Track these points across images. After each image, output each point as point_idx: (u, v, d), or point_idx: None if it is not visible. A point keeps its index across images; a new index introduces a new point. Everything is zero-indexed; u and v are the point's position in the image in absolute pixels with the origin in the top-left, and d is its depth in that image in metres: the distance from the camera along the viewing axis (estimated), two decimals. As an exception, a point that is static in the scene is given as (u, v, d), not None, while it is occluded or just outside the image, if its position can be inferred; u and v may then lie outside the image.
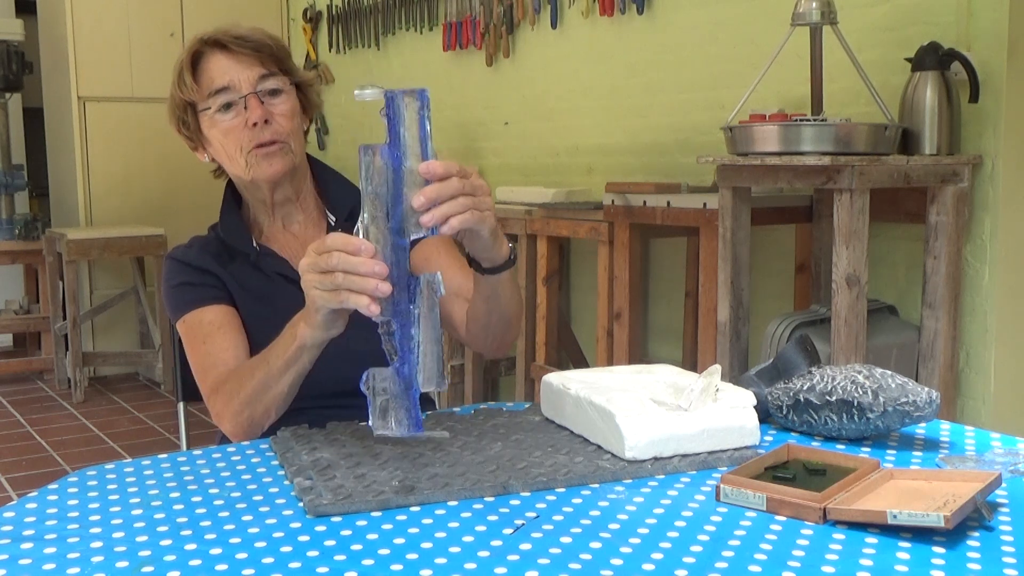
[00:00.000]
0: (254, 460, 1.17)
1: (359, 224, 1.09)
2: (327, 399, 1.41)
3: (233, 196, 1.59)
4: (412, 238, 1.09)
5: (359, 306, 1.09)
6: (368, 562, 0.86)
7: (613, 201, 3.06)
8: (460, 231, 1.14)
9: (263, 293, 1.52)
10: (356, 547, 0.89)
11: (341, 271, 1.10)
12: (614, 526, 0.93)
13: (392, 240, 1.08)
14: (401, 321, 1.09)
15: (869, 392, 1.16)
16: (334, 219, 1.57)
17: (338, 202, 1.59)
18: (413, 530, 0.93)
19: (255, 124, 1.46)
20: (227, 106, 1.47)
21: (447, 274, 1.35)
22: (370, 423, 1.13)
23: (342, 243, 1.11)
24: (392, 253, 1.09)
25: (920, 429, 1.25)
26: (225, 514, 0.98)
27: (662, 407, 1.14)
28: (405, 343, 1.09)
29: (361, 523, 0.95)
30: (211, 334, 1.47)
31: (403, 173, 1.06)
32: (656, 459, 1.10)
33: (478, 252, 1.29)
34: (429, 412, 1.21)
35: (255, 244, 1.54)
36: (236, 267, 1.54)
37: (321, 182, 1.62)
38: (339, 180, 1.63)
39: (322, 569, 0.85)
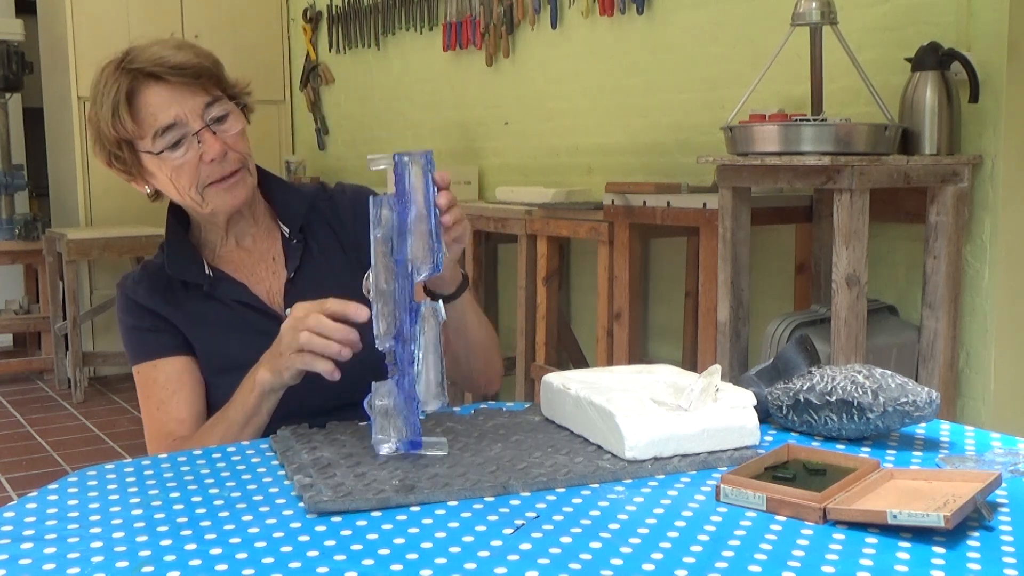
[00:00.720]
0: (254, 460, 1.17)
1: (370, 270, 1.16)
2: (328, 414, 1.36)
3: (176, 218, 1.50)
4: (417, 279, 1.16)
5: (323, 371, 1.22)
6: (368, 562, 0.86)
7: (613, 201, 3.06)
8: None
9: (221, 323, 1.45)
10: (356, 547, 0.89)
11: (308, 330, 1.21)
12: (614, 526, 0.93)
13: (397, 272, 1.15)
14: (403, 342, 1.14)
15: (869, 392, 1.15)
16: (288, 230, 1.51)
17: (289, 212, 1.52)
18: (413, 530, 0.93)
19: (212, 160, 1.38)
20: (176, 143, 1.37)
21: None
22: (371, 437, 1.14)
23: (340, 309, 1.21)
24: (397, 282, 1.16)
25: (920, 429, 1.25)
26: (225, 514, 0.98)
27: (662, 407, 1.14)
28: (405, 358, 1.14)
29: (361, 523, 0.95)
30: (164, 400, 1.42)
31: (408, 221, 1.15)
32: (656, 459, 1.10)
33: (447, 270, 1.30)
34: (428, 411, 1.21)
35: (207, 271, 1.46)
36: (189, 301, 1.45)
37: (270, 193, 1.54)
38: (288, 190, 1.56)
39: (322, 569, 0.85)
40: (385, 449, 1.13)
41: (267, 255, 1.52)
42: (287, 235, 1.51)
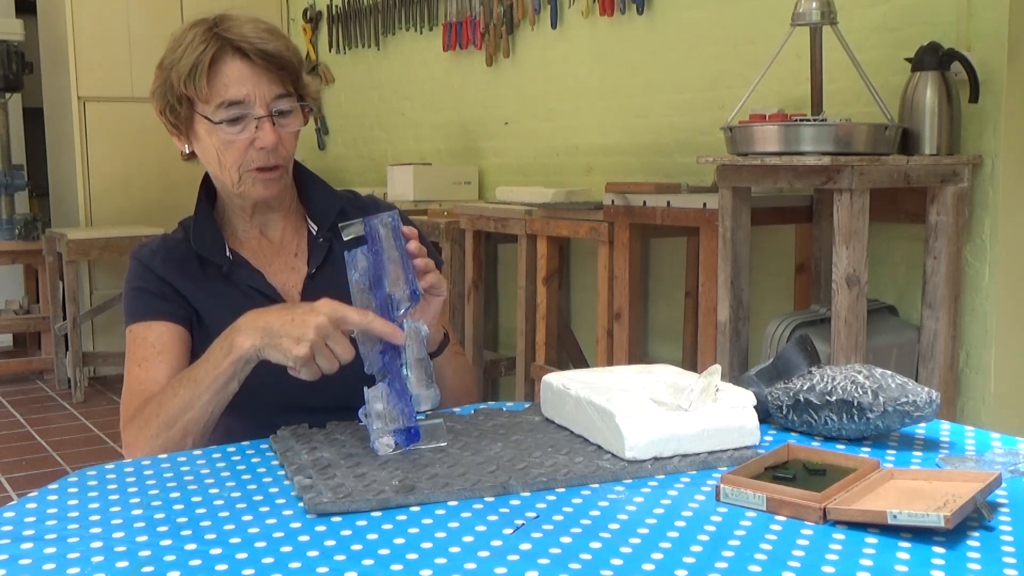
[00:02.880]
0: (254, 460, 1.17)
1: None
2: (302, 414, 1.34)
3: (206, 191, 1.52)
4: (398, 313, 1.21)
5: (308, 377, 1.21)
6: (368, 562, 0.86)
7: (613, 201, 3.06)
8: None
9: (234, 306, 1.42)
10: (356, 547, 0.89)
11: (325, 341, 1.19)
12: (614, 526, 0.93)
13: (378, 308, 1.20)
14: (390, 355, 1.19)
15: (869, 392, 1.16)
16: (316, 228, 1.52)
17: (320, 211, 1.54)
18: (413, 530, 0.93)
19: (263, 148, 1.40)
20: (235, 119, 1.40)
21: None
22: (371, 443, 1.15)
23: (388, 331, 1.18)
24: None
25: (920, 429, 1.25)
26: (225, 514, 0.98)
27: (662, 407, 1.14)
28: (393, 363, 1.18)
29: (361, 523, 0.95)
30: (148, 358, 1.41)
31: (384, 263, 1.21)
32: (656, 459, 1.10)
33: (429, 321, 1.31)
34: (428, 411, 1.21)
35: (228, 252, 1.47)
36: (205, 278, 1.47)
37: (304, 190, 1.56)
38: (322, 188, 1.57)
39: (322, 569, 0.85)
40: (384, 447, 1.14)
41: (289, 249, 1.53)
42: (315, 232, 1.52)
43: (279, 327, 1.21)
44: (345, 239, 1.23)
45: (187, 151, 1.48)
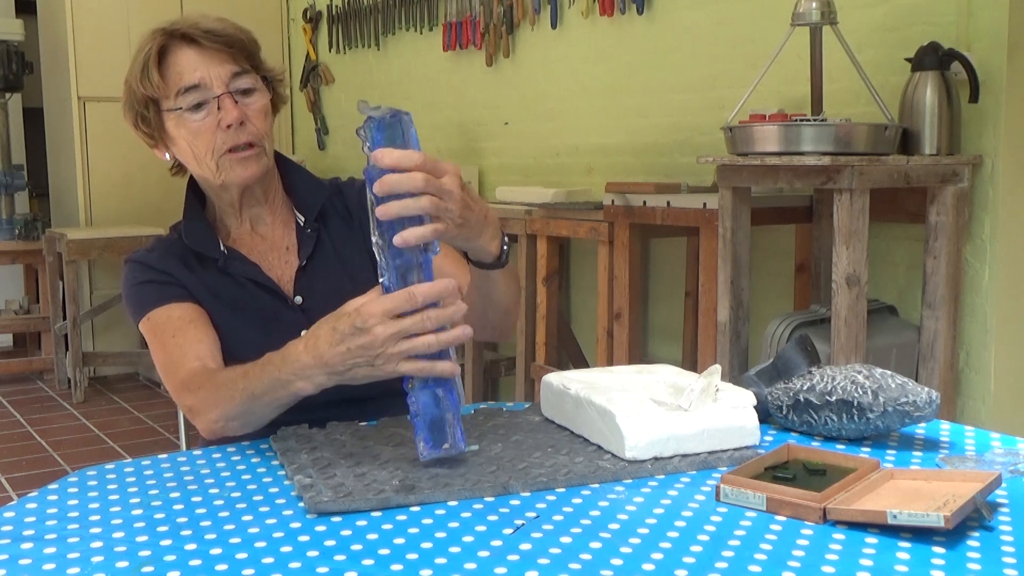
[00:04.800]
0: (254, 460, 1.17)
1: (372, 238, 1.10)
2: (333, 407, 1.36)
3: (196, 196, 1.52)
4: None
5: (445, 374, 1.09)
6: (368, 562, 0.86)
7: (613, 201, 3.06)
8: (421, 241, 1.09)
9: (233, 299, 1.45)
10: (356, 547, 0.89)
11: (433, 333, 1.07)
12: (614, 526, 0.93)
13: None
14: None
15: (869, 392, 1.16)
16: (303, 219, 1.52)
17: (306, 202, 1.53)
18: (413, 530, 0.93)
19: (229, 126, 1.39)
20: (198, 106, 1.39)
21: (439, 264, 1.24)
22: (426, 447, 1.09)
23: (437, 292, 1.07)
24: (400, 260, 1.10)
25: (920, 429, 1.25)
26: (225, 514, 0.98)
27: (662, 407, 1.14)
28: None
29: (361, 523, 0.95)
30: (181, 328, 1.40)
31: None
32: (656, 459, 1.10)
33: (464, 247, 1.24)
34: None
35: (222, 248, 1.47)
36: (203, 273, 1.47)
37: (289, 181, 1.56)
38: (307, 178, 1.57)
39: (322, 569, 0.85)
40: (434, 454, 1.10)
41: (280, 244, 1.53)
42: (302, 224, 1.52)
43: (342, 363, 1.12)
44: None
45: (167, 159, 1.49)
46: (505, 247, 1.30)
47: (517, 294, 1.47)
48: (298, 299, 1.47)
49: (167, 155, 1.49)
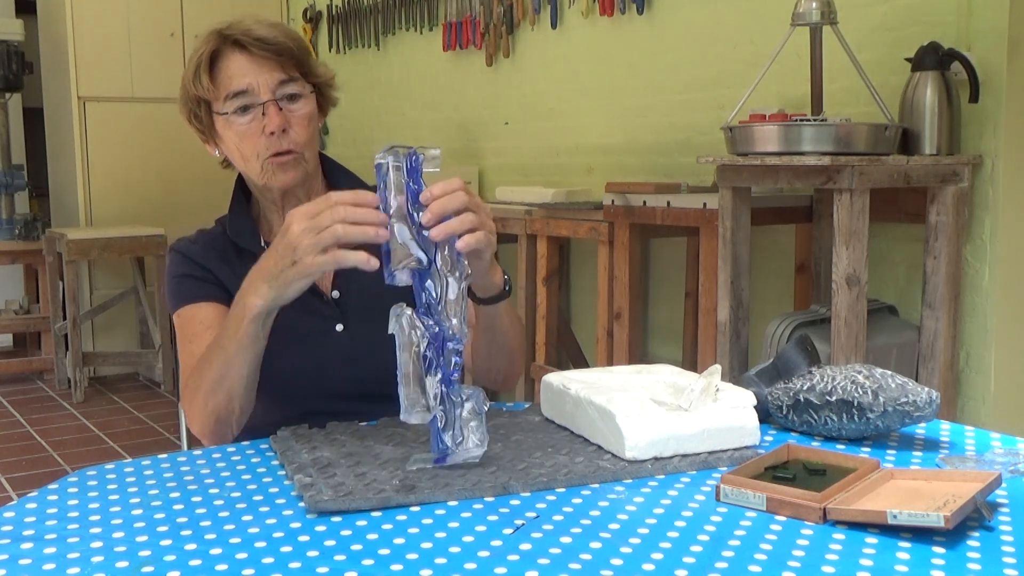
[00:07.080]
0: (254, 460, 1.17)
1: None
2: (339, 401, 1.40)
3: (242, 190, 1.58)
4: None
5: (358, 263, 1.14)
6: (368, 562, 0.86)
7: (613, 201, 3.06)
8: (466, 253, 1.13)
9: None
10: (356, 547, 0.89)
11: (341, 223, 1.13)
12: (614, 526, 0.93)
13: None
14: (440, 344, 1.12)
15: (869, 392, 1.16)
16: None
17: None
18: (413, 530, 0.93)
19: (272, 133, 1.44)
20: (244, 109, 1.44)
21: None
22: (447, 445, 1.09)
23: (350, 197, 1.15)
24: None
25: (920, 429, 1.25)
26: (225, 514, 0.98)
27: (662, 407, 1.14)
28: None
29: (361, 523, 0.95)
30: (199, 334, 1.45)
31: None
32: (656, 459, 1.10)
33: (475, 278, 1.27)
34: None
35: (263, 243, 1.51)
36: (242, 266, 1.48)
37: (332, 182, 1.59)
38: (350, 179, 1.60)
39: (322, 569, 0.85)
40: (417, 416, 1.10)
41: None
42: None
43: (275, 267, 1.22)
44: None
45: (218, 155, 1.54)
46: (506, 275, 1.38)
47: (521, 335, 1.52)
48: (335, 293, 1.50)
49: (216, 151, 1.54)
